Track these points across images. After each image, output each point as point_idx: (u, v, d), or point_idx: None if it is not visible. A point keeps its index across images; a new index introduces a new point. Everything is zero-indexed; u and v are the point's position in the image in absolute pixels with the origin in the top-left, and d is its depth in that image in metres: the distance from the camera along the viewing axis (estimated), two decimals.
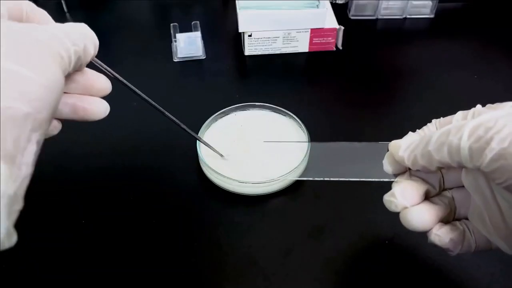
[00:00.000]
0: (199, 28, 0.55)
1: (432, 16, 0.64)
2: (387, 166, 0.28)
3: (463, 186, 0.26)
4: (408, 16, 0.64)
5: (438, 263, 0.35)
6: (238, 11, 0.53)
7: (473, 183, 0.25)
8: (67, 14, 0.63)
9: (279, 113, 0.45)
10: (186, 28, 0.55)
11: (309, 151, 0.40)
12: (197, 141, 0.41)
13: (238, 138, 0.43)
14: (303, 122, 0.43)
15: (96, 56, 0.25)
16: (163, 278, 0.34)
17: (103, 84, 0.27)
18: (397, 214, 0.38)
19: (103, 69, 0.27)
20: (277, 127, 0.44)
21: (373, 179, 0.30)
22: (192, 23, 0.55)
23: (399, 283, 0.34)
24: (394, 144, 0.27)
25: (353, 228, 0.38)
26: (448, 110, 0.52)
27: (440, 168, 0.25)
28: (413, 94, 0.52)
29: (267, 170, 0.39)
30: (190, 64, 0.55)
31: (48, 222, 0.38)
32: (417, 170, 0.26)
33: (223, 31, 0.62)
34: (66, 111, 0.26)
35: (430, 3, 0.63)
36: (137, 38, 0.59)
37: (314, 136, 0.42)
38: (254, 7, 0.53)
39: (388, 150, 0.28)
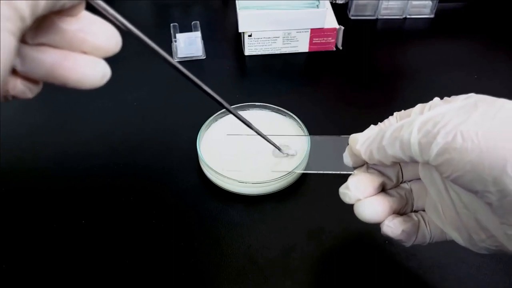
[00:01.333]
0: (199, 28, 0.55)
1: (432, 16, 0.64)
2: (347, 159, 0.28)
3: (420, 179, 0.27)
4: (408, 16, 0.64)
5: (439, 263, 0.35)
6: (238, 11, 0.53)
7: (428, 176, 0.26)
8: None
9: (279, 113, 0.45)
10: (186, 28, 0.55)
11: (309, 151, 0.40)
12: (197, 141, 0.41)
13: (238, 138, 0.43)
14: (303, 122, 0.43)
15: None
16: (163, 278, 0.34)
17: (106, 36, 0.19)
18: None
19: (109, 15, 0.19)
20: (277, 127, 0.44)
21: (335, 172, 0.31)
22: (192, 23, 0.55)
23: (399, 283, 0.35)
24: (353, 138, 0.28)
25: (352, 228, 0.38)
26: None
27: (395, 162, 0.25)
28: (413, 94, 0.52)
29: (267, 170, 0.39)
30: (190, 64, 0.55)
31: (48, 222, 0.38)
32: (374, 164, 0.27)
33: (223, 31, 0.62)
34: (41, 72, 0.18)
35: (430, 3, 0.63)
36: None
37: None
38: (254, 7, 0.53)
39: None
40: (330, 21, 0.56)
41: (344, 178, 0.28)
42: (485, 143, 0.20)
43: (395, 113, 0.28)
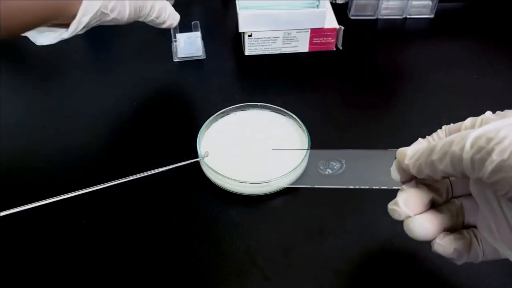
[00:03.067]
0: (199, 28, 0.55)
1: (432, 16, 0.64)
2: (395, 174, 0.28)
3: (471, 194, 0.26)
4: (408, 16, 0.64)
5: (439, 263, 0.35)
6: (238, 11, 0.53)
7: (480, 193, 0.25)
8: None
9: (279, 113, 0.45)
10: (186, 28, 0.55)
11: (309, 151, 0.40)
12: (197, 141, 0.41)
13: (238, 138, 0.43)
14: (303, 122, 0.43)
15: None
16: (163, 278, 0.34)
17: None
18: None
19: None
20: (277, 127, 0.44)
21: (382, 187, 0.30)
22: (192, 23, 0.55)
23: (399, 283, 0.34)
24: (401, 152, 0.27)
25: (353, 228, 0.38)
26: (448, 110, 0.53)
27: (445, 177, 0.25)
28: (413, 94, 0.52)
29: (267, 170, 0.39)
30: (190, 64, 0.55)
31: (48, 222, 0.38)
32: (423, 178, 0.26)
33: (223, 31, 0.62)
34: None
35: (430, 3, 0.63)
36: (137, 38, 0.59)
37: (314, 136, 0.42)
38: (254, 7, 0.53)
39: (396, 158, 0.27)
40: (330, 21, 0.56)
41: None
42: None
43: (444, 127, 0.27)
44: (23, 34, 0.34)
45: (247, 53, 0.56)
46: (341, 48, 0.57)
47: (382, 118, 0.48)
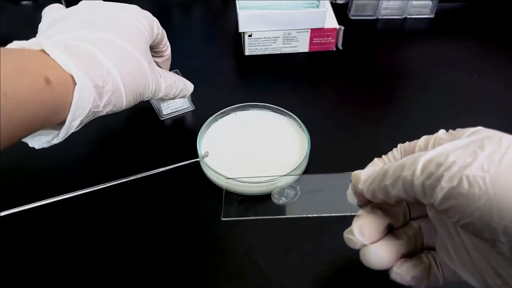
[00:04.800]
0: (179, 74, 0.47)
1: (432, 16, 0.64)
2: (351, 198, 0.27)
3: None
4: (408, 16, 0.64)
5: None
6: (238, 11, 0.53)
7: (436, 216, 0.24)
8: None
9: (279, 113, 0.45)
10: (186, 28, 0.55)
11: (309, 151, 0.40)
12: (197, 141, 0.41)
13: (238, 138, 0.43)
14: (303, 122, 0.43)
15: None
16: (163, 278, 0.34)
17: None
18: None
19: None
20: (277, 127, 0.44)
21: (339, 214, 0.28)
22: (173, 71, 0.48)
23: (399, 283, 0.34)
24: (355, 175, 0.26)
25: None
26: (448, 110, 0.53)
27: (399, 202, 0.24)
28: (413, 94, 0.52)
29: (267, 170, 0.39)
30: (190, 64, 0.55)
31: (47, 222, 0.38)
32: (379, 202, 0.25)
33: (223, 31, 0.62)
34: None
35: (430, 3, 0.63)
36: None
37: (314, 136, 0.42)
38: (254, 7, 0.53)
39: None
40: (330, 21, 0.56)
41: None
42: (493, 190, 0.18)
43: (399, 145, 0.27)
44: None
45: (247, 53, 0.56)
46: (341, 48, 0.57)
47: (382, 117, 0.48)
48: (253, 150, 0.42)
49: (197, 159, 0.40)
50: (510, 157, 0.19)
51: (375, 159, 0.27)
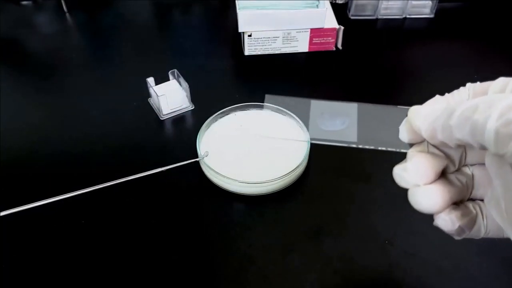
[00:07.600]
0: (179, 76, 0.48)
1: (432, 16, 0.64)
2: (404, 134, 0.24)
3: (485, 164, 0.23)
4: (408, 16, 0.64)
5: (438, 263, 0.35)
6: (238, 11, 0.53)
7: (496, 166, 0.22)
8: (67, 14, 0.63)
9: (279, 113, 0.45)
10: (186, 29, 0.55)
11: (308, 151, 0.40)
12: (197, 141, 0.41)
13: (238, 138, 0.43)
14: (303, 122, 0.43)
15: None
16: (162, 278, 0.34)
17: None
18: (397, 213, 0.38)
19: None
20: (277, 127, 0.44)
21: (386, 148, 0.26)
22: (169, 72, 0.49)
23: (399, 283, 0.34)
24: (414, 111, 0.23)
25: (352, 228, 0.38)
26: None
27: (459, 145, 0.22)
28: (413, 94, 0.52)
29: (267, 170, 0.39)
30: (190, 63, 0.55)
31: (48, 222, 0.38)
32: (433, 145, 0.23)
33: (223, 31, 0.62)
34: None
35: (430, 3, 0.63)
36: (137, 38, 0.59)
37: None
38: (254, 7, 0.53)
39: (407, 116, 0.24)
40: (330, 21, 0.56)
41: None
42: None
43: (468, 85, 0.24)
44: None
45: (247, 53, 0.56)
46: (341, 48, 0.57)
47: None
48: (253, 150, 0.42)
49: (197, 159, 0.40)
50: None
51: (437, 95, 0.25)
